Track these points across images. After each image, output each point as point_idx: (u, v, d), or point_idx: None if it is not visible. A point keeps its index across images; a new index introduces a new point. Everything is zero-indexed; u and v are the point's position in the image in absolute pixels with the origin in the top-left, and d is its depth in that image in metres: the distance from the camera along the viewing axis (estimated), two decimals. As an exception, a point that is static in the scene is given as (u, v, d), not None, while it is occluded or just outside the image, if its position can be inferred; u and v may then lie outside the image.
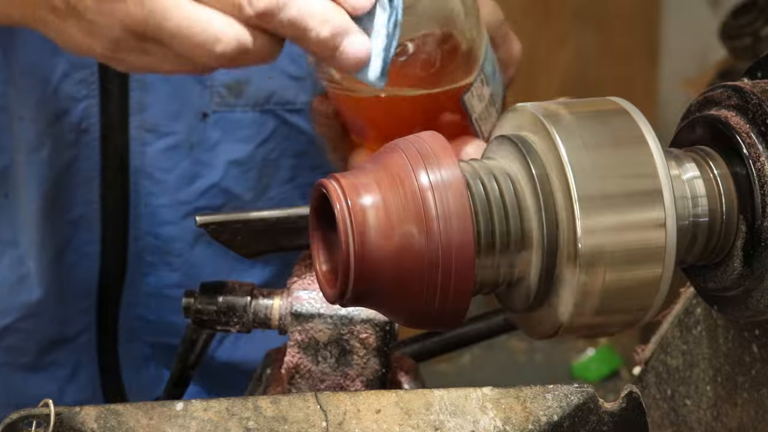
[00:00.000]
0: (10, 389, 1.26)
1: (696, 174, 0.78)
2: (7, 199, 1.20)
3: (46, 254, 1.21)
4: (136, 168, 1.22)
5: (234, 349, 1.32)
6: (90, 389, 1.29)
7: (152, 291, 1.27)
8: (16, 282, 1.22)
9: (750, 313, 0.78)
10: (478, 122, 0.97)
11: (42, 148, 1.18)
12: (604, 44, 3.65)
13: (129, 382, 1.30)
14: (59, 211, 1.21)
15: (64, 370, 1.28)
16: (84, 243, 1.23)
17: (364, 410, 0.74)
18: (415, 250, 0.72)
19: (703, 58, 3.43)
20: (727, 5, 3.19)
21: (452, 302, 0.73)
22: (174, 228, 1.25)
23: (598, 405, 0.75)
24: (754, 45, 2.93)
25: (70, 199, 1.21)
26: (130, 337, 1.29)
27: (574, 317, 0.75)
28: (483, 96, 0.96)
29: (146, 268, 1.26)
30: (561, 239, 0.74)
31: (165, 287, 1.27)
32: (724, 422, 0.89)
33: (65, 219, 1.22)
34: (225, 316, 0.96)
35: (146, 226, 1.24)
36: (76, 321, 1.26)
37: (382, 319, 0.91)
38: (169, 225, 1.25)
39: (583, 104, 0.78)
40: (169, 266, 1.26)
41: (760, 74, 0.83)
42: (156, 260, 1.26)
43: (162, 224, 1.24)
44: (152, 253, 1.25)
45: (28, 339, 1.24)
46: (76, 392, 1.28)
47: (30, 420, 0.71)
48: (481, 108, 0.97)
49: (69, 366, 1.28)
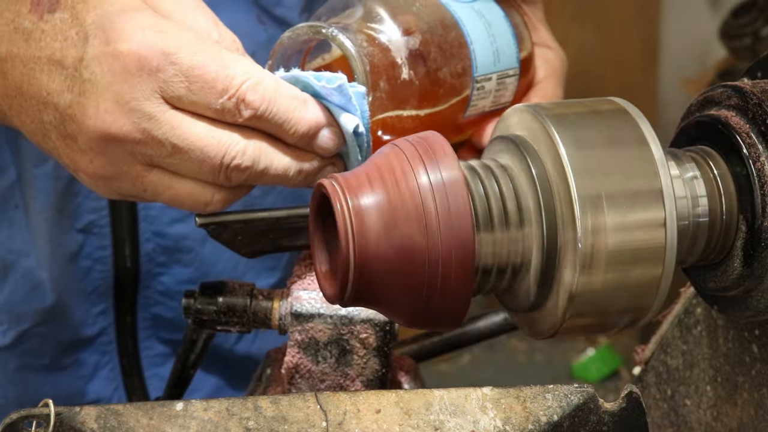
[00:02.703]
0: (28, 389, 1.26)
1: (696, 174, 0.78)
2: (17, 210, 1.20)
3: (59, 263, 1.22)
4: None
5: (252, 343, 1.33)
6: (112, 387, 1.30)
7: (167, 289, 1.28)
8: (30, 290, 1.22)
9: (750, 313, 0.78)
10: (495, 105, 0.98)
11: (47, 162, 1.18)
12: (604, 44, 3.65)
13: (151, 380, 1.31)
14: (69, 220, 1.22)
15: (85, 369, 1.28)
16: (96, 249, 1.24)
17: (364, 410, 0.74)
18: (415, 250, 0.72)
19: (703, 58, 3.44)
20: (727, 5, 3.19)
21: (452, 302, 0.73)
22: (183, 226, 1.25)
23: (598, 405, 0.75)
24: (754, 45, 2.94)
25: (79, 207, 1.22)
26: (148, 336, 1.30)
27: (574, 317, 0.75)
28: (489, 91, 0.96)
29: (159, 268, 1.27)
30: (561, 239, 0.74)
31: (179, 284, 1.27)
32: (724, 422, 0.89)
33: (75, 228, 1.22)
34: (225, 317, 0.96)
35: (155, 226, 1.25)
36: (93, 323, 1.27)
37: (382, 319, 0.91)
38: (178, 223, 1.25)
39: (583, 104, 0.78)
40: (180, 264, 1.27)
41: (760, 74, 0.83)
42: (168, 259, 1.26)
43: (171, 223, 1.25)
44: (163, 252, 1.26)
45: (44, 343, 1.25)
46: (98, 390, 1.29)
47: (30, 420, 0.71)
48: (492, 98, 0.97)
49: (90, 365, 1.29)
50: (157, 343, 1.31)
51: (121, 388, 1.31)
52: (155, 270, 1.27)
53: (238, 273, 1.30)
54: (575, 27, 3.60)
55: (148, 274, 1.26)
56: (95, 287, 1.26)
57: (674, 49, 3.72)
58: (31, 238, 1.21)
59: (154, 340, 1.30)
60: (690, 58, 3.58)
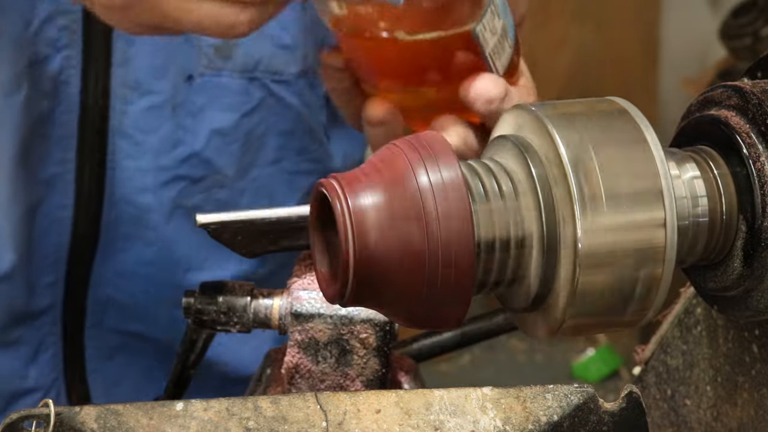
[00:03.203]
0: None
1: (696, 174, 0.78)
2: None
3: (17, 211, 1.18)
4: (115, 128, 1.19)
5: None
6: (52, 375, 1.26)
7: (124, 269, 1.24)
8: None
9: (750, 313, 0.78)
10: (491, 57, 0.95)
11: (19, 92, 1.15)
12: (604, 44, 3.65)
13: (93, 375, 1.27)
14: (33, 165, 1.18)
15: (26, 348, 1.25)
16: (56, 207, 1.20)
17: (364, 410, 0.74)
18: (415, 250, 0.72)
19: (703, 58, 3.44)
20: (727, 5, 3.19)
21: (452, 302, 0.73)
22: (151, 197, 1.22)
23: (598, 405, 0.75)
24: (754, 45, 2.94)
25: (46, 154, 1.18)
26: (95, 323, 1.26)
27: (574, 317, 0.75)
28: (495, 29, 0.94)
29: (120, 242, 1.23)
30: (561, 239, 0.74)
31: (138, 264, 1.24)
32: (724, 422, 0.89)
33: (39, 177, 1.19)
34: (225, 316, 0.96)
35: (122, 191, 1.21)
36: (42, 295, 1.23)
37: (382, 319, 0.91)
38: (147, 193, 1.22)
39: (582, 104, 0.78)
40: (142, 240, 1.23)
41: (760, 74, 0.83)
42: (130, 231, 1.22)
43: (139, 191, 1.22)
44: (127, 222, 1.22)
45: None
46: (37, 376, 1.26)
47: (30, 420, 0.71)
48: (494, 42, 0.95)
49: (32, 345, 1.25)
50: (105, 333, 1.27)
51: (61, 379, 1.27)
52: (115, 244, 1.22)
53: (201, 258, 1.26)
54: (575, 27, 3.60)
55: (107, 247, 1.22)
56: (48, 252, 1.22)
57: (674, 49, 3.72)
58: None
59: (101, 328, 1.26)
60: (690, 58, 3.58)
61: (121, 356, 1.29)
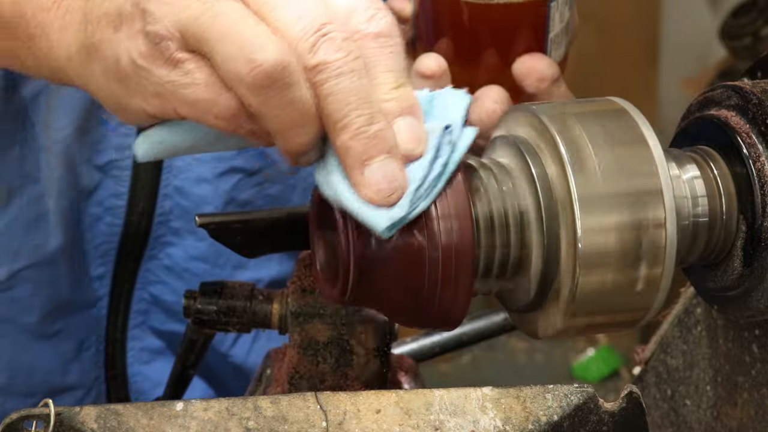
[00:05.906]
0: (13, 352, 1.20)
1: (696, 174, 0.78)
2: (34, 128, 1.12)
3: (69, 195, 1.15)
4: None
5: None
6: (93, 374, 1.24)
7: (173, 264, 1.21)
8: (33, 220, 1.15)
9: (750, 313, 0.78)
10: (552, 43, 0.94)
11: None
12: (604, 44, 3.65)
13: (135, 378, 1.25)
14: (89, 151, 1.14)
15: (68, 344, 1.22)
16: (110, 196, 1.17)
17: (364, 410, 0.74)
18: (415, 250, 0.72)
19: (703, 58, 3.43)
20: (727, 5, 3.19)
21: (452, 302, 0.73)
22: (207, 187, 1.19)
23: (598, 405, 0.75)
24: (754, 45, 2.93)
25: (104, 139, 1.15)
26: (140, 323, 1.23)
27: (574, 317, 0.75)
28: (563, 17, 0.93)
29: (171, 236, 1.20)
30: (561, 239, 0.74)
31: (189, 260, 1.21)
32: (724, 422, 0.89)
33: (94, 163, 1.15)
34: (225, 317, 0.96)
35: (179, 181, 1.18)
36: (89, 288, 1.20)
37: (382, 319, 0.91)
38: (203, 183, 1.19)
39: (583, 104, 0.78)
40: (195, 235, 1.20)
41: (760, 74, 0.83)
42: (183, 227, 1.19)
43: (196, 182, 1.18)
44: (181, 216, 1.19)
45: (36, 293, 1.18)
46: (79, 375, 1.23)
47: (30, 419, 0.71)
48: (559, 29, 0.94)
49: (74, 341, 1.22)
50: (148, 334, 1.25)
51: (102, 379, 1.24)
52: (167, 237, 1.20)
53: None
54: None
55: (158, 240, 1.19)
56: (98, 242, 1.18)
57: (674, 49, 3.72)
58: (44, 160, 1.13)
59: (145, 328, 1.24)
60: (690, 58, 3.58)
61: (163, 359, 1.27)
